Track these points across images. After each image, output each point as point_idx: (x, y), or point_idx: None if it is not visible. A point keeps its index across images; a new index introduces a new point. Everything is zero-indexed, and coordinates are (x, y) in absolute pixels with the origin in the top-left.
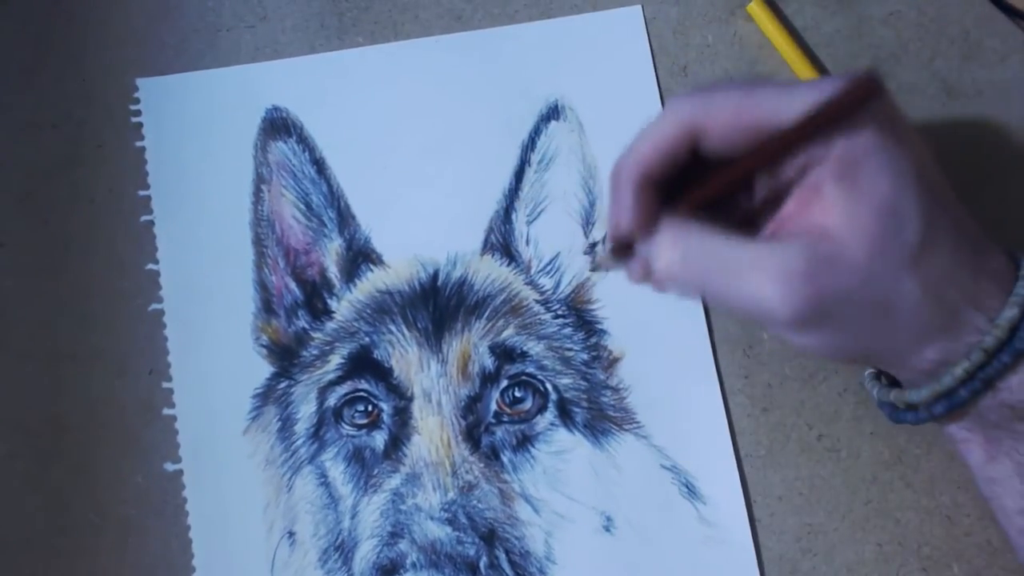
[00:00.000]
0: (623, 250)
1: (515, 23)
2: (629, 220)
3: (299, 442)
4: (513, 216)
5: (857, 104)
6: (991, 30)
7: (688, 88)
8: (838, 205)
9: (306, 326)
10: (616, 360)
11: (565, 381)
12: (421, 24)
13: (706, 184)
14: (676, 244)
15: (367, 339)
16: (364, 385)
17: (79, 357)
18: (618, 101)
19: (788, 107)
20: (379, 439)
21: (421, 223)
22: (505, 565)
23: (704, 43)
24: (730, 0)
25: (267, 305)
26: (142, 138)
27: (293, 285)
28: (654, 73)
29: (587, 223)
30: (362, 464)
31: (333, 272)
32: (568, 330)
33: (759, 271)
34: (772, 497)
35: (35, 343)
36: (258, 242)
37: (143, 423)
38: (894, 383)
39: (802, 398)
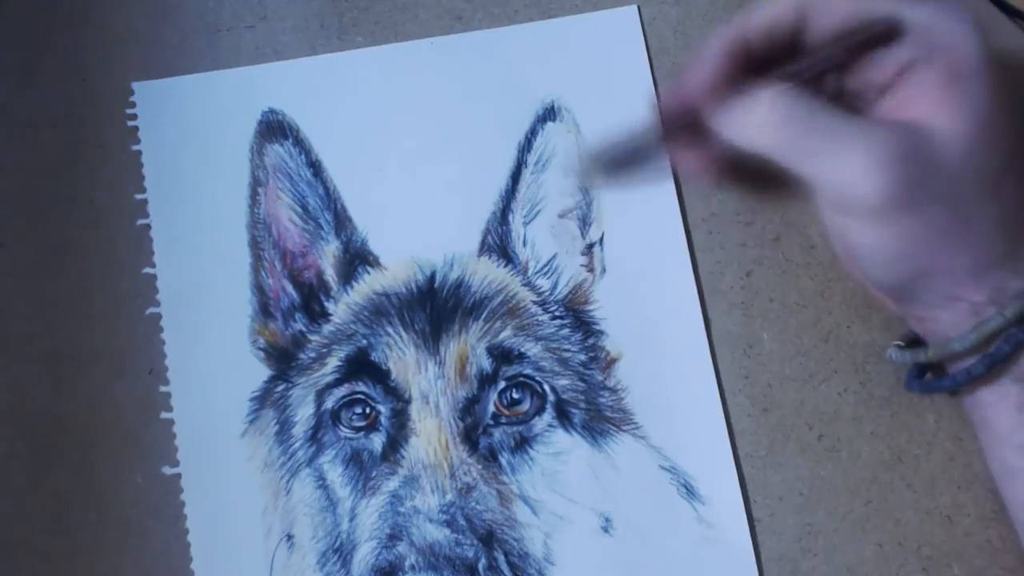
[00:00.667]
0: (675, 126)
1: (515, 23)
2: (708, 78)
3: (297, 445)
4: (510, 217)
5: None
6: (991, 30)
7: None
8: (943, 109)
9: (303, 329)
10: (614, 361)
11: (563, 382)
12: (421, 24)
13: (806, 57)
14: (776, 105)
15: (364, 341)
16: (362, 387)
17: (79, 357)
18: (614, 101)
19: (908, 7)
20: (377, 441)
21: (418, 225)
22: (504, 567)
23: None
24: (730, 0)
25: (264, 308)
26: (138, 142)
27: (290, 288)
28: (650, 72)
29: (584, 224)
30: (360, 466)
31: (330, 274)
32: (566, 331)
33: (859, 144)
34: (772, 497)
35: (35, 343)
36: (255, 245)
37: (143, 423)
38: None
39: (802, 398)
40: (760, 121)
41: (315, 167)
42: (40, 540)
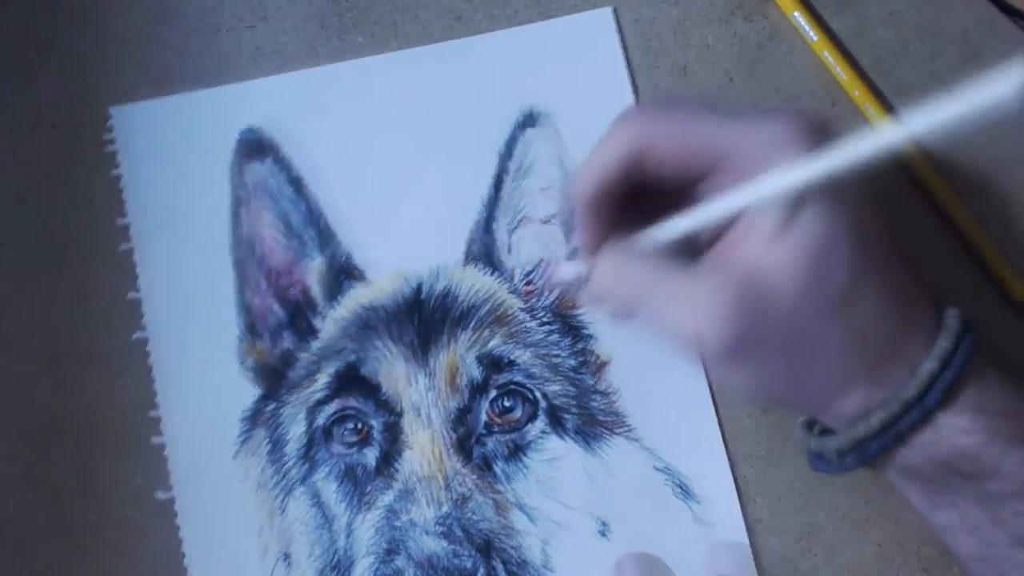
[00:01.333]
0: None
1: (516, 24)
2: (591, 240)
3: (290, 463)
4: (494, 225)
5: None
6: (991, 30)
7: (689, 89)
8: (770, 244)
9: (291, 346)
10: (604, 364)
11: (554, 388)
12: (421, 24)
13: (640, 230)
14: (614, 264)
15: (353, 356)
16: (353, 402)
17: (79, 357)
18: (593, 104)
19: (733, 138)
20: (370, 456)
21: (402, 237)
22: None
23: (704, 43)
24: (730, 0)
25: (251, 327)
26: (117, 166)
27: (276, 306)
28: (628, 73)
29: (569, 228)
30: (354, 482)
31: (316, 291)
32: (554, 337)
33: (690, 299)
34: (772, 497)
35: (35, 343)
36: (239, 264)
37: (143, 423)
38: (826, 432)
39: None
40: (603, 277)
41: (296, 184)
42: (40, 541)
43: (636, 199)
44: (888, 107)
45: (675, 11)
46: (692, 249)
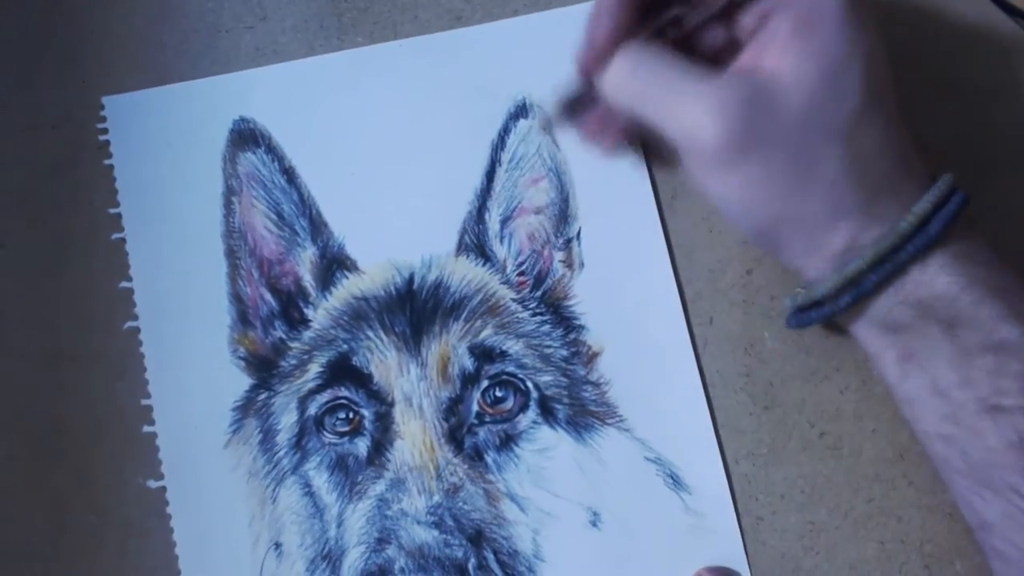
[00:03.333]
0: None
1: None
2: (599, 39)
3: (281, 453)
4: (486, 216)
5: None
6: (991, 29)
7: None
8: (789, 54)
9: (283, 336)
10: (595, 355)
11: (545, 378)
12: (420, 24)
13: (682, 9)
14: (627, 61)
15: (345, 346)
16: (344, 392)
17: (79, 358)
18: None
19: None
20: (362, 446)
21: (394, 227)
22: (494, 566)
23: None
24: None
25: (243, 317)
26: (110, 156)
27: (268, 295)
28: None
29: (560, 219)
30: (346, 472)
31: (308, 280)
32: (546, 327)
33: (698, 98)
34: (774, 495)
35: (35, 344)
36: (231, 254)
37: (144, 424)
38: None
39: (803, 396)
40: (614, 78)
41: (289, 174)
42: (41, 542)
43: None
44: None
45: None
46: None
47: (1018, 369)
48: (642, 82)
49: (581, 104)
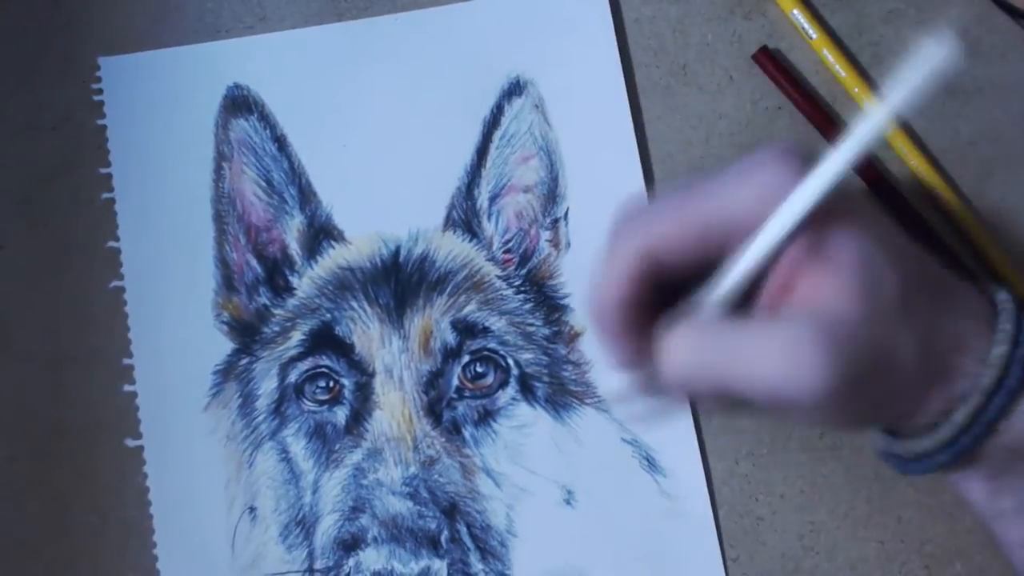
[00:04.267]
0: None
1: None
2: (629, 353)
3: (260, 418)
4: (475, 192)
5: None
6: (991, 28)
7: (689, 88)
8: (817, 278)
9: (267, 303)
10: (577, 335)
11: (526, 356)
12: None
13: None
14: (681, 345)
15: (329, 315)
16: (325, 361)
17: (80, 359)
18: (581, 75)
19: (731, 200)
20: (341, 414)
21: (383, 200)
22: (466, 539)
23: (704, 41)
24: (729, 0)
25: (228, 282)
26: (103, 116)
27: (254, 262)
28: (616, 46)
29: (549, 199)
30: (323, 440)
31: (294, 249)
32: (529, 305)
33: (773, 348)
34: (774, 495)
35: (36, 345)
36: (219, 219)
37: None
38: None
39: None
40: (677, 366)
41: (280, 142)
42: (41, 542)
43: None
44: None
45: (675, 9)
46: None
47: None
48: (708, 356)
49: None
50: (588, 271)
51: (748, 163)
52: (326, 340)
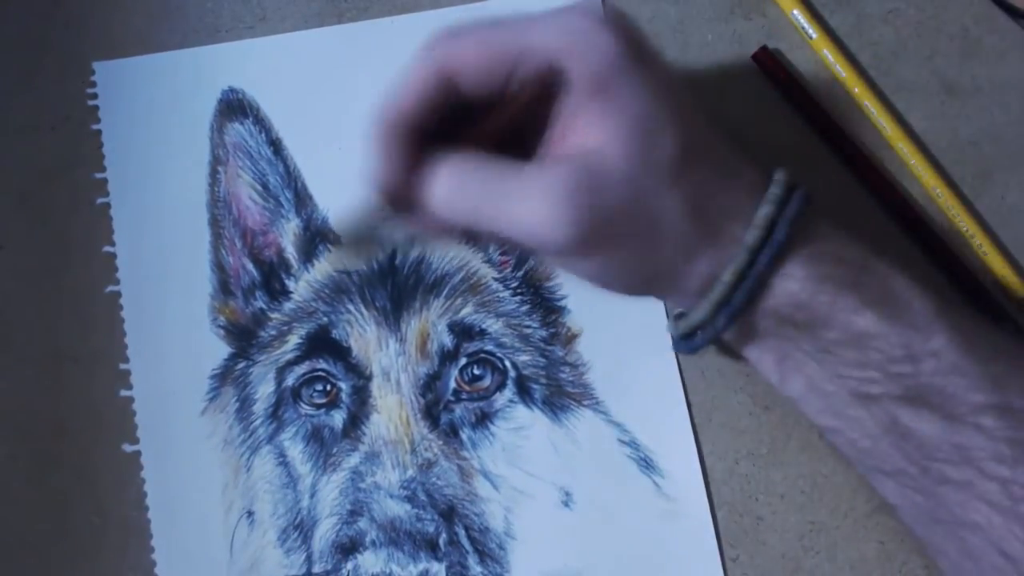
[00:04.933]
0: (400, 203)
1: None
2: (394, 170)
3: (257, 422)
4: None
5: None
6: (990, 27)
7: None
8: (595, 124)
9: (264, 307)
10: (574, 337)
11: (524, 358)
12: None
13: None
14: (448, 177)
15: (325, 319)
16: (322, 365)
17: (80, 359)
18: None
19: (536, 33)
20: (338, 418)
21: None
22: (465, 541)
23: (704, 41)
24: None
25: (224, 286)
26: (98, 121)
27: (250, 266)
28: None
29: None
30: (321, 443)
31: (291, 252)
32: (526, 307)
33: (529, 195)
34: (774, 495)
35: (36, 345)
36: (215, 223)
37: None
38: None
39: None
40: (439, 193)
41: (275, 145)
42: (42, 543)
43: (445, 123)
44: (888, 105)
45: (675, 9)
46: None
47: (878, 357)
48: (473, 195)
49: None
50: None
51: (559, 9)
52: (323, 344)
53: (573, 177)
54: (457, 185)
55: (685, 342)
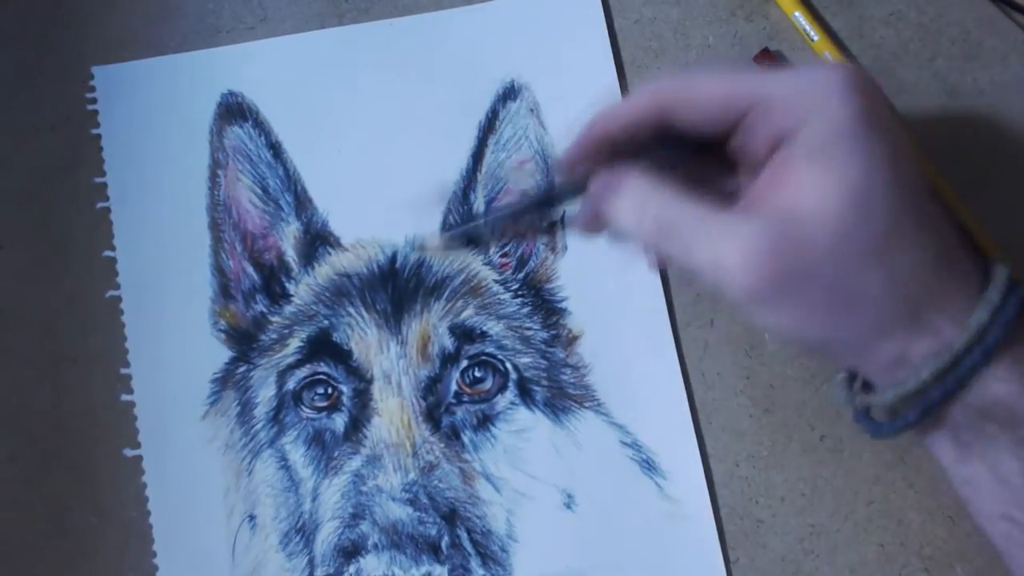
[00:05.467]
0: (571, 189)
1: None
2: (580, 157)
3: (259, 426)
4: (471, 197)
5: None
6: (992, 29)
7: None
8: (807, 186)
9: (264, 310)
10: (575, 338)
11: (525, 360)
12: None
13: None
14: (644, 200)
15: (326, 322)
16: (323, 368)
17: (80, 359)
18: (575, 78)
19: (770, 87)
20: (339, 421)
21: (379, 205)
22: (467, 544)
23: (705, 43)
24: (731, 0)
25: (225, 290)
26: (98, 125)
27: (251, 269)
28: (610, 48)
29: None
30: (322, 447)
31: (291, 256)
32: (527, 309)
33: (724, 241)
34: (775, 498)
35: (36, 345)
36: (215, 227)
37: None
38: (867, 388)
39: (804, 399)
40: (631, 213)
41: (275, 149)
42: (41, 542)
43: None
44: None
45: (676, 11)
46: (724, 196)
47: None
48: (663, 223)
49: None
50: (586, 274)
51: (805, 67)
52: (324, 347)
53: (777, 237)
54: (649, 210)
55: (868, 422)
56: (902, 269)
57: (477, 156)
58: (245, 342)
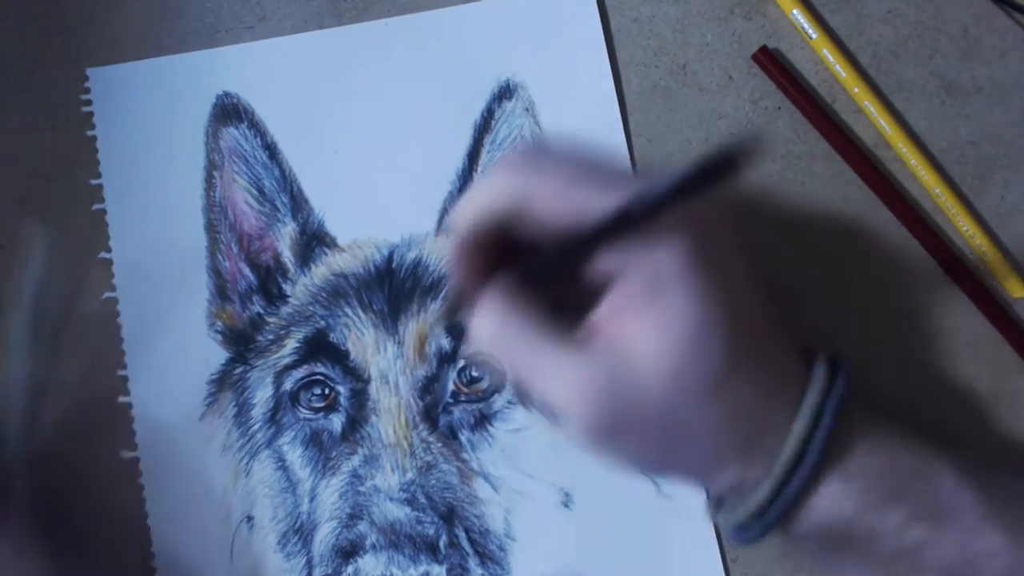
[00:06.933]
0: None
1: None
2: (459, 278)
3: (256, 427)
4: None
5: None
6: (990, 27)
7: (689, 88)
8: (640, 328)
9: (261, 311)
10: None
11: None
12: None
13: (531, 258)
14: (493, 324)
15: (323, 322)
16: (320, 368)
17: (79, 360)
18: (571, 77)
19: (612, 202)
20: (336, 422)
21: (375, 205)
22: (465, 543)
23: (703, 42)
24: (729, 0)
25: (221, 291)
26: (93, 127)
27: (247, 270)
28: (605, 48)
29: None
30: (320, 447)
31: (287, 256)
32: None
33: (561, 378)
34: None
35: (35, 345)
36: (211, 228)
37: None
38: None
39: None
40: (483, 334)
41: (271, 149)
42: (41, 543)
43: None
44: (887, 105)
45: (674, 9)
46: (573, 307)
47: (935, 563)
48: (510, 341)
49: None
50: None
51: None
52: (320, 347)
53: (608, 379)
54: (498, 324)
55: (734, 531)
56: (738, 405)
57: (473, 156)
58: (242, 343)
